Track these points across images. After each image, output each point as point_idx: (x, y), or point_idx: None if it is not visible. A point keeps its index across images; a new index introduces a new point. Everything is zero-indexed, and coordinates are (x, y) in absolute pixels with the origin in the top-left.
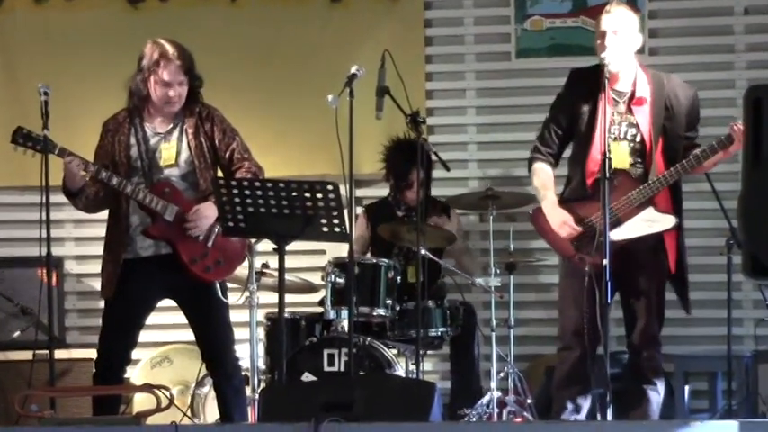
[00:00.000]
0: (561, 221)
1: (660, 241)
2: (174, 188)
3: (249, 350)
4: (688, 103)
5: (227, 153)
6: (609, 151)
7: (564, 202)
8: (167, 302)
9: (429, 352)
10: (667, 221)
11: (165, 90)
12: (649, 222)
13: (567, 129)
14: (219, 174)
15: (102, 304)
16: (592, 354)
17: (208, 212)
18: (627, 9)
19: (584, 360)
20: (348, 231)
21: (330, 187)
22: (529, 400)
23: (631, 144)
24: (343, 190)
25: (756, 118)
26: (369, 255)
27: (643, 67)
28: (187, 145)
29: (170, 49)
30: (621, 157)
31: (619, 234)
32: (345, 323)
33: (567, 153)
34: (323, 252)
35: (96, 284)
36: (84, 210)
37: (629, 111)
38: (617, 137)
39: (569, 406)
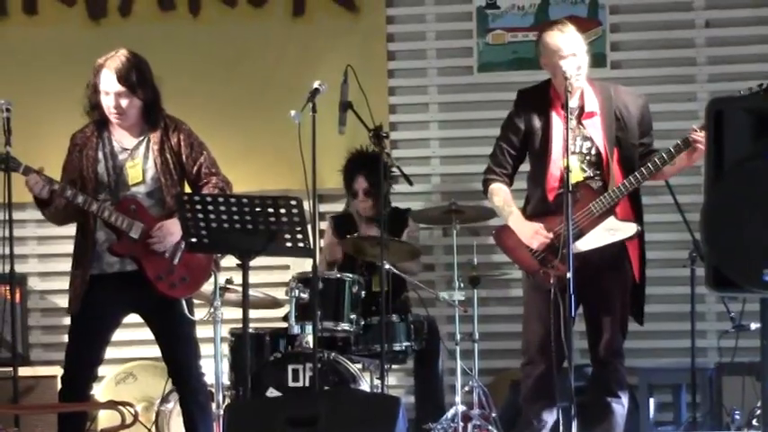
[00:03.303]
0: (533, 232)
1: (623, 251)
2: (139, 205)
3: (214, 366)
4: (638, 112)
5: (195, 168)
6: (568, 166)
7: (527, 218)
8: (132, 318)
9: (393, 366)
10: (629, 229)
11: (104, 99)
12: (611, 231)
13: (520, 148)
14: (187, 188)
15: (65, 321)
16: (557, 368)
17: (173, 229)
18: (574, 29)
19: (548, 375)
20: (312, 246)
21: (293, 202)
22: (494, 414)
23: (587, 157)
24: (306, 205)
25: (718, 130)
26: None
27: (590, 80)
28: (153, 162)
29: (110, 57)
30: (575, 171)
31: (582, 245)
32: (310, 338)
33: (524, 168)
34: (287, 267)
35: (60, 301)
36: (53, 220)
37: (580, 124)
38: (571, 151)
39: (534, 422)
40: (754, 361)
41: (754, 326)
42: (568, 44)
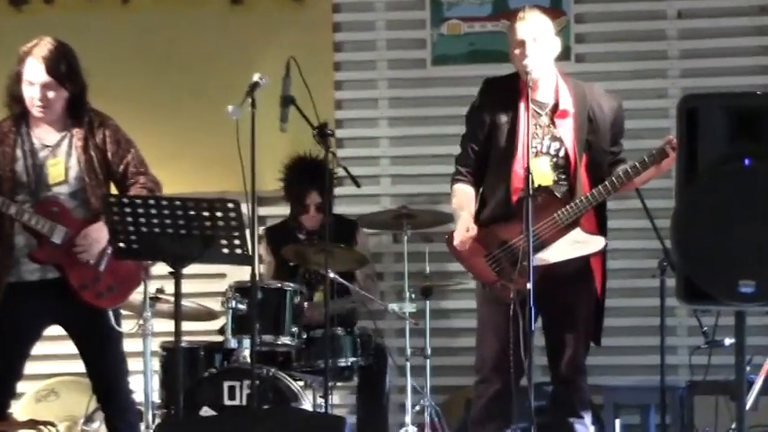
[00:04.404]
0: (459, 231)
1: (587, 264)
2: (62, 207)
3: (143, 382)
4: (612, 114)
5: (122, 166)
6: (528, 167)
7: (482, 224)
8: (53, 330)
9: (338, 384)
10: (597, 243)
11: (28, 90)
12: (578, 244)
13: (485, 143)
14: (114, 189)
15: None
16: (515, 386)
17: (99, 234)
18: (541, 14)
19: (503, 394)
20: (250, 253)
21: (231, 205)
22: None
23: (554, 159)
24: (244, 208)
25: (691, 130)
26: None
27: (563, 75)
28: (77, 160)
29: (37, 45)
30: (543, 174)
31: (545, 257)
32: (247, 353)
33: None
34: (223, 276)
35: None
36: None
37: (552, 123)
38: (538, 151)
39: None
40: (728, 379)
41: (728, 341)
42: (526, 30)
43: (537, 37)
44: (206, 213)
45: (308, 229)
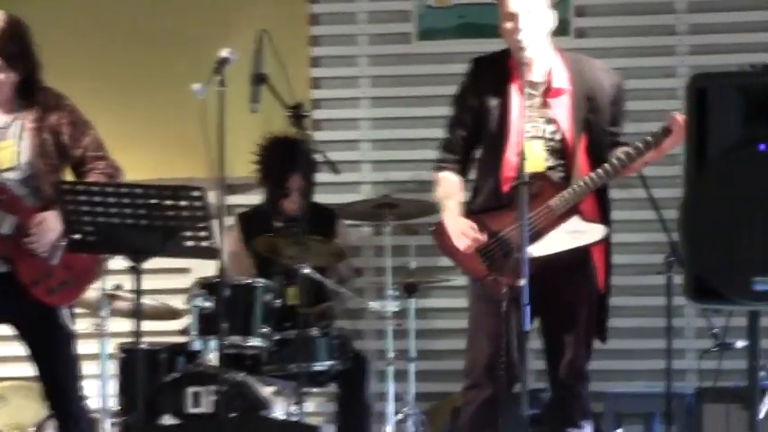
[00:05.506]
0: (459, 231)
1: (587, 256)
2: (11, 195)
3: (99, 388)
4: (613, 91)
5: (79, 150)
6: (523, 152)
7: (473, 214)
8: (1, 330)
9: (313, 390)
10: (596, 232)
11: None
12: (575, 234)
13: (474, 129)
14: (69, 176)
15: None
16: (507, 392)
17: (53, 223)
18: None
19: (495, 400)
20: (218, 246)
21: (196, 193)
22: None
23: (550, 143)
24: (211, 196)
25: (701, 112)
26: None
27: (559, 50)
28: (28, 143)
29: None
30: (537, 159)
31: (540, 249)
32: (214, 356)
33: None
34: (187, 271)
35: None
36: None
37: (546, 104)
38: (533, 135)
39: None
40: (740, 385)
41: (740, 344)
42: (518, 1)
43: (530, 9)
44: (169, 202)
45: (289, 214)
